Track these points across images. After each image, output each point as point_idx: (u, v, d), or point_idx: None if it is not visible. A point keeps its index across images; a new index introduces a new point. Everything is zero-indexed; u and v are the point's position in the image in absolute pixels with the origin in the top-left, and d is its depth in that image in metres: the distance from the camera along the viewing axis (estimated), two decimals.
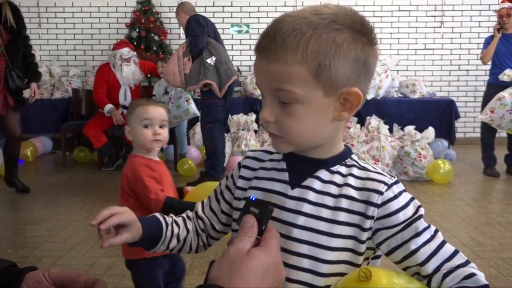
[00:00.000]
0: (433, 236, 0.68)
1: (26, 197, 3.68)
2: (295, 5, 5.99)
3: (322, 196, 0.72)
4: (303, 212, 0.72)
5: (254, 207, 0.66)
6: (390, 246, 0.68)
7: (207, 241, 0.90)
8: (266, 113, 0.69)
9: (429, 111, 5.20)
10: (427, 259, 0.66)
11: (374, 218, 0.69)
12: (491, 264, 2.41)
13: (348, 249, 0.70)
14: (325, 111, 0.68)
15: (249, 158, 0.83)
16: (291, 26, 0.65)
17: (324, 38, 0.64)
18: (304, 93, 0.66)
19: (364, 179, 0.71)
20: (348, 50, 0.66)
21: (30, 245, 2.66)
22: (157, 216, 0.86)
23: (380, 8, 6.15)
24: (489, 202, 3.58)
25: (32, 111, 4.92)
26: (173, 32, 6.11)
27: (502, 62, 4.37)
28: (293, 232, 0.71)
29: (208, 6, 6.16)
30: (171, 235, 0.85)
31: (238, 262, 0.59)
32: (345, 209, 0.70)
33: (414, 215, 0.68)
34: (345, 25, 0.66)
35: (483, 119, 4.33)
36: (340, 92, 0.67)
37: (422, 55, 6.27)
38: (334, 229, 0.70)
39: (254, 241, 0.63)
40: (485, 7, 6.14)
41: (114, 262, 2.45)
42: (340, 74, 0.66)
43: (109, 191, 3.89)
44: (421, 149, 4.19)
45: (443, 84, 6.30)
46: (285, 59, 0.64)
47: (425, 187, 4.01)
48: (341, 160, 0.75)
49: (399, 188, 0.70)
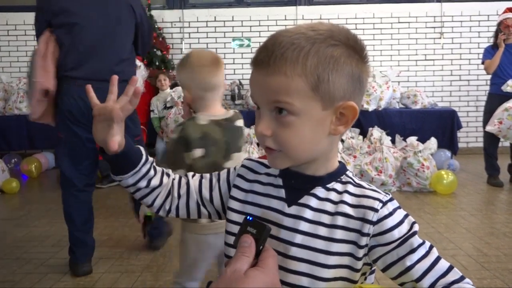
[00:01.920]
0: (428, 252, 0.68)
1: (30, 213, 3.69)
2: (296, 19, 6.06)
3: (318, 214, 0.72)
4: (300, 230, 0.72)
5: (251, 227, 0.66)
6: (386, 262, 0.69)
7: (170, 207, 0.87)
8: (263, 126, 0.69)
9: (431, 122, 5.20)
10: (422, 275, 0.67)
11: (370, 235, 0.69)
12: (496, 275, 2.39)
13: (345, 266, 0.71)
14: (321, 124, 0.69)
15: (245, 168, 0.84)
16: (289, 40, 0.67)
17: (322, 52, 0.66)
18: (302, 105, 0.67)
19: (359, 196, 0.72)
20: (344, 65, 0.67)
21: (35, 261, 2.66)
22: (141, 148, 0.85)
23: (380, 20, 6.20)
24: (493, 212, 3.57)
25: (36, 126, 4.95)
26: (176, 47, 6.18)
27: (504, 72, 4.38)
28: (290, 250, 0.72)
29: (209, 21, 6.24)
30: (145, 173, 0.83)
31: (236, 283, 0.59)
32: (342, 226, 0.71)
33: (409, 231, 0.69)
34: (341, 41, 0.68)
35: (491, 130, 4.32)
36: (337, 105, 0.69)
37: (423, 66, 6.30)
38: (331, 246, 0.70)
39: (252, 261, 0.63)
40: (484, 18, 6.19)
41: (118, 277, 2.45)
42: (337, 88, 0.67)
43: (113, 206, 3.90)
44: (424, 159, 4.19)
45: (444, 95, 6.32)
46: (284, 71, 0.66)
47: (428, 198, 4.00)
48: (336, 177, 0.75)
49: (394, 205, 0.71)
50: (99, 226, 3.29)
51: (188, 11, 6.25)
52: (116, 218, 3.52)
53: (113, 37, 2.47)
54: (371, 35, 6.10)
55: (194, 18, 6.26)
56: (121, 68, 2.44)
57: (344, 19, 6.09)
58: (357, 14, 6.16)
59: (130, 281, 2.40)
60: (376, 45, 6.13)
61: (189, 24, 6.26)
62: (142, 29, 2.63)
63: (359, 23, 6.10)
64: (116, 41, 2.48)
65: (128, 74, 2.38)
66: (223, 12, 6.24)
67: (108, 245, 2.93)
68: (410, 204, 3.80)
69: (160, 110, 4.91)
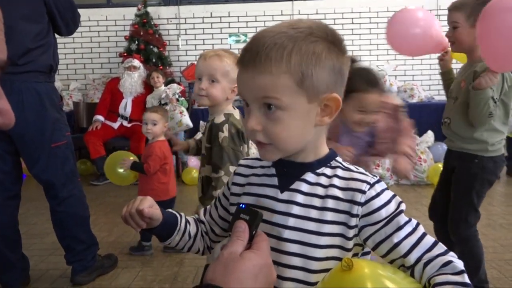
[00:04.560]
0: (415, 229, 0.73)
1: (30, 211, 3.70)
2: (292, 14, 6.06)
3: (309, 198, 0.76)
4: (293, 213, 0.76)
5: (244, 214, 0.70)
6: (375, 241, 0.73)
7: (210, 244, 0.95)
8: (253, 122, 0.73)
9: (428, 115, 5.21)
10: (409, 250, 0.71)
11: (359, 216, 0.73)
12: (493, 265, 2.42)
13: (336, 246, 0.74)
14: (308, 117, 0.73)
15: (242, 166, 0.89)
16: (272, 40, 0.70)
17: (304, 49, 0.70)
18: (289, 100, 0.71)
19: (348, 179, 0.76)
20: (326, 59, 0.71)
21: (36, 258, 2.67)
22: (169, 210, 0.92)
23: (376, 15, 6.20)
24: (490, 204, 3.59)
25: None
26: (172, 43, 6.17)
27: None
28: (284, 233, 0.76)
29: (205, 17, 6.23)
30: (184, 227, 0.90)
31: (232, 264, 0.63)
32: (332, 208, 0.75)
33: (396, 210, 0.73)
34: (320, 37, 0.72)
35: None
36: (321, 98, 0.73)
37: (419, 60, 6.30)
38: (322, 228, 0.74)
39: (246, 244, 0.67)
40: None
41: (119, 273, 2.47)
42: (320, 82, 0.71)
43: (112, 203, 3.92)
44: (421, 153, 4.22)
45: (441, 88, 6.26)
46: (270, 70, 0.69)
47: (426, 191, 4.03)
48: (326, 163, 0.79)
49: (381, 187, 0.75)
50: (99, 223, 3.31)
51: (184, 8, 6.24)
52: (116, 215, 3.54)
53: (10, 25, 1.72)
54: (367, 29, 6.10)
55: (190, 15, 6.25)
56: (30, 59, 2.07)
57: (340, 14, 6.09)
58: (353, 9, 6.15)
59: (130, 276, 2.42)
60: (373, 39, 6.13)
61: (185, 20, 6.25)
62: (57, 3, 2.14)
63: (355, 17, 6.10)
64: (14, 30, 1.95)
65: (41, 63, 2.12)
66: (219, 8, 6.23)
67: (108, 241, 2.94)
68: (407, 197, 3.83)
69: None
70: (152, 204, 0.84)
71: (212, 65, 1.56)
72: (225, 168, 1.52)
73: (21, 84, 2.06)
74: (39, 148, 2.16)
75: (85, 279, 2.34)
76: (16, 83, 2.04)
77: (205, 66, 1.57)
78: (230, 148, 1.54)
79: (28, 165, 2.21)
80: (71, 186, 2.27)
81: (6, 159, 2.15)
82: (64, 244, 2.33)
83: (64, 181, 2.24)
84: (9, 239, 2.20)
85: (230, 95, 1.61)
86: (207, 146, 1.61)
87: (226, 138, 1.55)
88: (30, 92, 2.09)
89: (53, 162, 2.20)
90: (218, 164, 1.54)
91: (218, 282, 0.61)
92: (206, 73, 1.57)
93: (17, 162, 2.22)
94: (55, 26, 2.20)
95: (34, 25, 2.09)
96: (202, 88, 1.57)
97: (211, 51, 1.61)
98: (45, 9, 2.12)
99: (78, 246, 2.31)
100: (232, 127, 1.56)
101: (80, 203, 2.33)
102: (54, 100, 2.21)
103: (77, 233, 2.30)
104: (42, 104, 2.14)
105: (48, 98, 2.17)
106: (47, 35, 2.15)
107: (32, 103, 2.10)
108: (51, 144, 2.18)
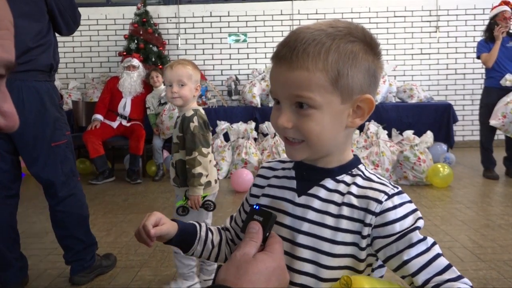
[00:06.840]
0: (428, 248, 0.69)
1: (29, 210, 3.70)
2: (292, 13, 6.05)
3: (326, 204, 0.75)
4: (308, 219, 0.75)
5: (258, 215, 0.69)
6: (386, 254, 0.70)
7: None
8: (283, 119, 0.71)
9: (427, 115, 5.23)
10: (418, 270, 0.67)
11: (372, 226, 0.71)
12: (492, 266, 2.42)
13: (349, 255, 0.72)
14: (340, 117, 0.72)
15: (264, 168, 0.89)
16: (311, 36, 0.69)
17: (342, 48, 0.68)
18: (322, 99, 0.69)
19: (366, 188, 0.74)
20: (362, 60, 0.70)
21: (34, 257, 2.66)
22: (190, 221, 0.92)
23: (376, 15, 6.21)
24: (489, 205, 3.60)
25: None
26: (171, 42, 6.17)
27: (500, 65, 4.39)
28: (297, 238, 0.75)
29: (205, 16, 6.23)
30: (205, 236, 0.90)
31: (245, 265, 0.63)
32: (347, 216, 0.73)
33: (410, 226, 0.70)
34: (358, 38, 0.71)
35: (495, 124, 4.34)
36: (355, 99, 0.71)
37: (419, 60, 6.32)
38: (336, 236, 0.72)
39: (259, 246, 0.66)
40: (479, 11, 6.21)
41: (118, 273, 2.46)
42: (355, 82, 0.70)
43: (111, 202, 3.91)
44: (420, 153, 4.22)
45: (440, 88, 6.34)
46: (307, 66, 0.68)
47: (425, 191, 4.03)
48: (347, 170, 0.77)
49: (401, 200, 0.71)
50: (98, 222, 3.30)
51: (184, 7, 6.24)
52: (114, 214, 3.53)
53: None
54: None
55: (190, 14, 6.25)
56: (30, 58, 2.06)
57: (340, 13, 6.09)
58: (353, 9, 6.16)
59: (129, 276, 2.42)
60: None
61: (185, 19, 6.25)
62: (58, 2, 2.13)
63: (355, 18, 6.10)
64: (15, 29, 1.98)
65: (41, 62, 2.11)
66: (219, 7, 6.23)
67: (107, 241, 2.94)
68: None
69: (155, 107, 4.92)
70: (159, 219, 0.83)
71: (179, 72, 1.95)
72: (198, 150, 1.93)
73: (21, 83, 2.06)
74: (38, 147, 2.16)
75: (84, 279, 2.33)
76: (16, 82, 2.04)
77: (173, 74, 1.96)
78: (200, 134, 1.94)
79: (27, 164, 2.20)
80: (71, 185, 2.27)
81: (5, 157, 2.14)
82: (63, 243, 2.32)
83: (63, 180, 2.23)
84: (8, 238, 2.18)
85: (195, 93, 2.02)
86: (179, 135, 1.99)
87: (196, 127, 1.95)
88: (30, 91, 2.09)
89: (53, 161, 2.20)
90: (192, 147, 1.94)
91: (230, 283, 0.61)
92: (175, 79, 1.96)
93: (16, 161, 2.21)
94: (56, 26, 2.20)
95: (35, 24, 2.08)
96: (175, 91, 1.96)
97: (175, 61, 2.01)
98: (46, 8, 2.12)
99: (77, 245, 2.31)
100: (199, 118, 1.97)
101: (80, 203, 2.33)
102: (54, 99, 2.21)
103: (76, 233, 2.30)
104: (42, 103, 2.13)
105: (49, 97, 2.16)
106: (47, 34, 2.14)
107: (32, 102, 2.10)
108: (51, 143, 2.17)
